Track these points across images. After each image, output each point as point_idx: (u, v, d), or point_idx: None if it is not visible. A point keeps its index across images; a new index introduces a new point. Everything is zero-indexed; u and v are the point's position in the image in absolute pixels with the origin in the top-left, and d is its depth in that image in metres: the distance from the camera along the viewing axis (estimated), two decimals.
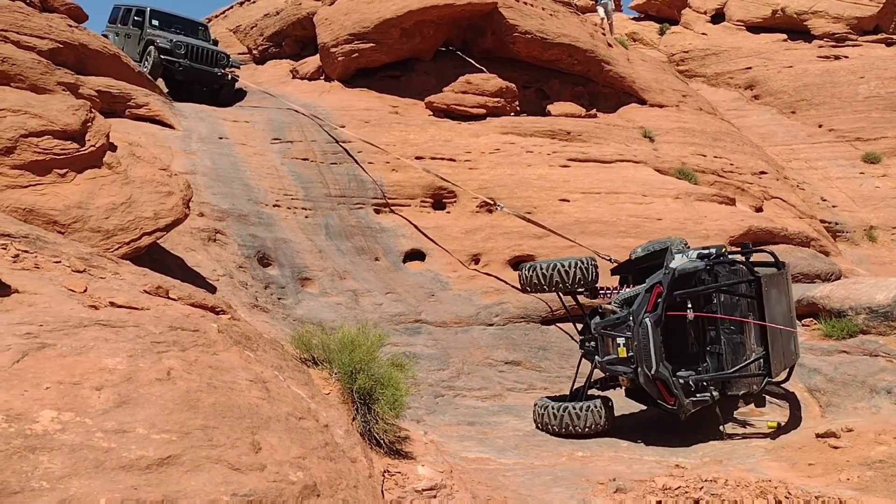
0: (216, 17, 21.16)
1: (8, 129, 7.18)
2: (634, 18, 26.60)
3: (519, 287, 9.08)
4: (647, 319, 7.47)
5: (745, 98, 22.56)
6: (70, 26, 11.58)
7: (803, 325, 10.21)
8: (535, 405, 8.26)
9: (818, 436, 7.18)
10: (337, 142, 13.07)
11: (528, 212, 12.18)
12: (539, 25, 15.56)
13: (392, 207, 12.34)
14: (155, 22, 15.91)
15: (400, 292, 10.91)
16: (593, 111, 15.72)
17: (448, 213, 12.70)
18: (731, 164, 15.65)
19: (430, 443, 6.12)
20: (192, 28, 16.44)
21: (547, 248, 11.55)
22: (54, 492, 2.87)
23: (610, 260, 10.07)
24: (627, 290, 8.40)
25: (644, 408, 8.56)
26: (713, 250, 8.11)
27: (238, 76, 16.25)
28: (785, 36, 23.43)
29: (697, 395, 7.60)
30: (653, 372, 7.39)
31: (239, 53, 18.86)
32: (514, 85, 15.07)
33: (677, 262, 7.91)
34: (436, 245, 11.78)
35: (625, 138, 14.98)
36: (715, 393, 7.63)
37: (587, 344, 8.27)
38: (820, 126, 21.31)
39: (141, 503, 2.97)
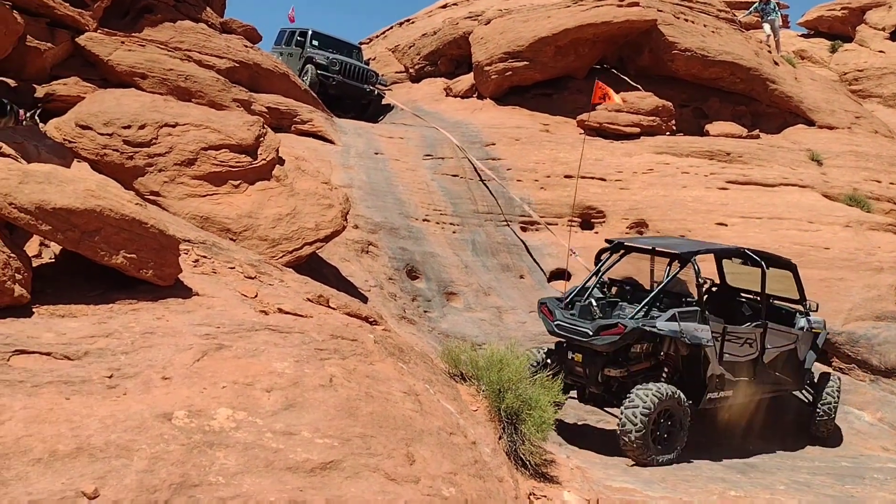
0: (376, 37, 22.03)
1: (191, 143, 7.77)
2: (803, 35, 25.07)
3: None
4: None
5: None
6: (246, 46, 12.42)
7: None
8: None
9: None
10: (471, 162, 13.10)
11: (682, 235, 11.73)
12: (700, 42, 15.03)
13: (539, 226, 12.27)
14: (315, 42, 17.15)
15: None
16: (756, 132, 14.95)
17: (596, 233, 12.48)
18: None
19: (576, 469, 5.99)
20: (347, 49, 17.71)
21: None
22: (229, 487, 3.04)
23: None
24: None
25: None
26: None
27: (385, 93, 17.02)
28: None
29: None
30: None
31: (396, 72, 19.53)
32: (670, 104, 14.63)
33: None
34: (582, 265, 11.59)
35: (790, 161, 14.14)
36: None
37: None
38: None
39: None
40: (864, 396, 9.94)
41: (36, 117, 8.37)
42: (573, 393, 8.29)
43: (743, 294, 9.33)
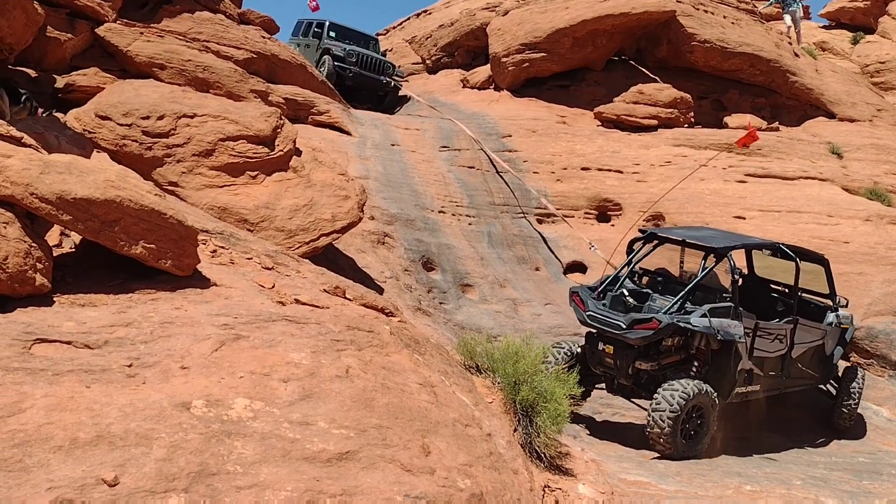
0: (393, 28, 22.01)
1: (208, 133, 7.81)
2: (824, 27, 24.75)
3: None
4: None
5: None
6: (263, 37, 12.46)
7: None
8: None
9: None
10: (487, 154, 13.06)
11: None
12: (719, 34, 14.89)
13: (555, 218, 12.24)
14: (332, 34, 17.19)
15: (559, 304, 10.79)
16: (775, 124, 14.81)
17: (612, 225, 12.45)
18: None
19: (591, 461, 5.99)
20: (364, 40, 17.76)
21: None
22: (246, 476, 3.07)
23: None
24: None
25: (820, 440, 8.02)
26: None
27: (401, 85, 17.02)
28: None
29: None
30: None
31: (413, 63, 19.51)
32: (688, 95, 14.53)
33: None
34: (598, 258, 11.55)
35: (809, 154, 14.00)
36: None
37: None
38: None
39: (322, 495, 3.11)
40: (882, 392, 9.87)
41: (53, 113, 8.44)
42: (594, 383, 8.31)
43: (772, 286, 9.28)
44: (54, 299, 4.11)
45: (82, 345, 3.67)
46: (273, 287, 5.01)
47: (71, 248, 5.01)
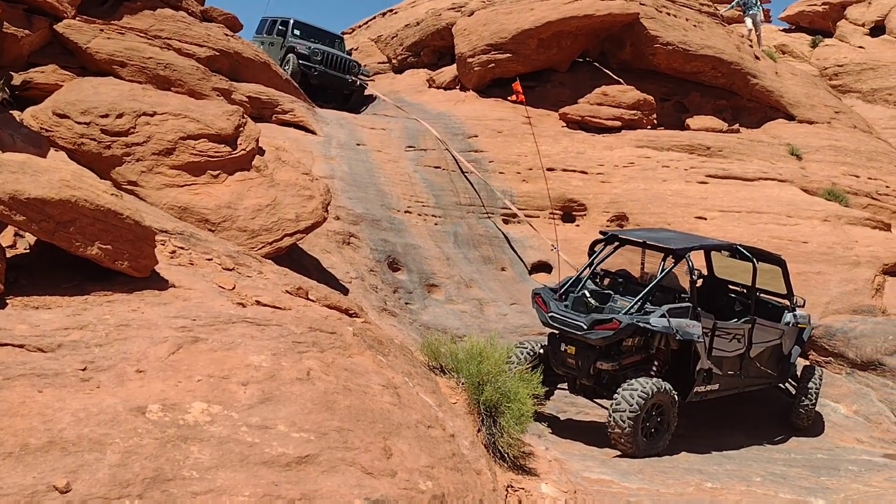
0: (359, 27, 21.90)
1: (169, 132, 7.70)
2: (784, 30, 25.25)
3: None
4: None
5: None
6: (226, 35, 12.30)
7: None
8: None
9: None
10: (452, 154, 13.07)
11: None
12: (682, 37, 15.08)
13: (520, 218, 12.30)
14: (297, 32, 17.06)
15: (525, 304, 10.83)
16: (736, 126, 15.04)
17: (577, 226, 12.54)
18: (888, 187, 14.54)
19: (554, 461, 6.02)
20: (329, 39, 17.65)
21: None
22: (203, 482, 3.03)
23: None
24: None
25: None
26: None
27: (367, 84, 16.97)
28: None
29: None
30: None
31: (379, 62, 19.44)
32: (651, 97, 14.68)
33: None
34: (563, 258, 11.63)
35: (769, 155, 14.25)
36: None
37: None
38: None
39: (281, 499, 3.08)
40: (839, 389, 10.06)
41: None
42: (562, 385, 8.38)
43: (731, 286, 9.43)
44: (7, 301, 4.02)
45: (35, 348, 3.59)
46: (233, 288, 4.95)
47: (25, 248, 4.90)
